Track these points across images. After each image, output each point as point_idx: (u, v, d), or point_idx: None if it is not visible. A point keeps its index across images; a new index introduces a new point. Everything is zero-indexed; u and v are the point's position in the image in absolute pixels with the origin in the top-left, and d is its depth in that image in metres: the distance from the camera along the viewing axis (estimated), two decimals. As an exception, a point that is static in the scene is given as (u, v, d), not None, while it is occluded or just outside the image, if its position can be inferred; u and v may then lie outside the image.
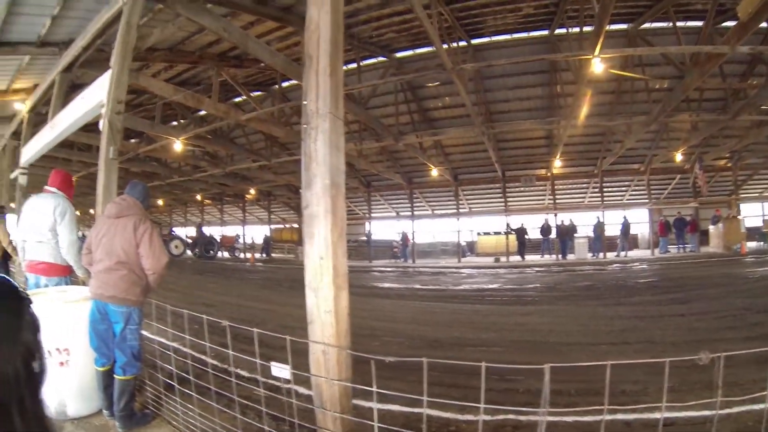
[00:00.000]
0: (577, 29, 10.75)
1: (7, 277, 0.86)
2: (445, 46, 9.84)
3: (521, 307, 9.43)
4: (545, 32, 12.49)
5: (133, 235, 3.55)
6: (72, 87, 8.42)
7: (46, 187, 4.95)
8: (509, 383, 4.47)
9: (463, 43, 11.89)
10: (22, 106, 10.37)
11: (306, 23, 2.69)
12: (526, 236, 22.42)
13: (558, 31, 12.17)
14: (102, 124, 4.86)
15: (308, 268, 2.50)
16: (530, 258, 21.81)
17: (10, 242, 8.57)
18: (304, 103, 2.57)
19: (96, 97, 5.31)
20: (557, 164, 19.10)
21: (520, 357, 5.49)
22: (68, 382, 3.75)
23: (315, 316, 2.51)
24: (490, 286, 12.99)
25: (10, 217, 9.56)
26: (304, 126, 2.55)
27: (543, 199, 23.87)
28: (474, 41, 12.50)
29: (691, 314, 7.51)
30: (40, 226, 4.78)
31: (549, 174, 21.26)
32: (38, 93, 9.53)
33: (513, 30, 12.39)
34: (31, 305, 0.85)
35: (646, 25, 11.78)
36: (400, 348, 5.95)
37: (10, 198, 12.15)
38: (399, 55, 13.32)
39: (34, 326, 0.83)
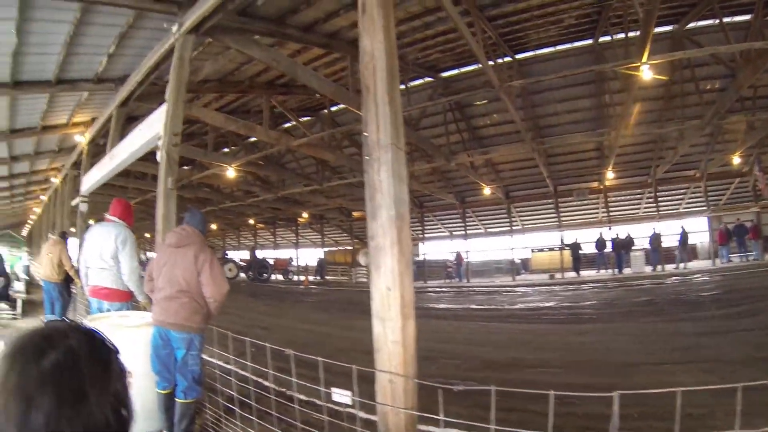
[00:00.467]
0: (621, 35, 10.54)
1: (96, 329, 0.92)
2: (490, 63, 9.78)
3: (579, 325, 9.15)
4: (589, 41, 12.22)
5: (194, 263, 3.61)
6: (128, 119, 8.83)
7: (108, 216, 5.15)
8: (568, 407, 4.31)
9: (507, 59, 11.77)
10: (81, 138, 10.91)
11: (360, 54, 2.72)
12: (581, 251, 21.68)
13: (602, 39, 11.89)
14: (159, 156, 5.04)
15: (375, 298, 2.50)
16: (586, 273, 21.07)
17: (72, 266, 9.00)
18: (365, 134, 2.59)
19: (153, 129, 5.51)
20: (610, 176, 18.48)
21: (579, 378, 5.30)
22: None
23: (382, 344, 2.50)
24: (546, 305, 12.67)
25: (71, 242, 10.06)
26: (366, 157, 2.56)
27: (597, 213, 23.06)
28: (518, 56, 12.34)
29: (759, 328, 7.08)
30: (103, 253, 4.95)
31: (602, 186, 20.61)
32: (96, 126, 10.02)
33: (557, 42, 12.18)
34: (119, 355, 0.91)
35: (691, 25, 11.29)
36: (458, 370, 5.86)
37: (71, 224, 12.75)
38: (445, 74, 13.28)
39: (122, 375, 0.89)
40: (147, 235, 38.18)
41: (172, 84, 5.24)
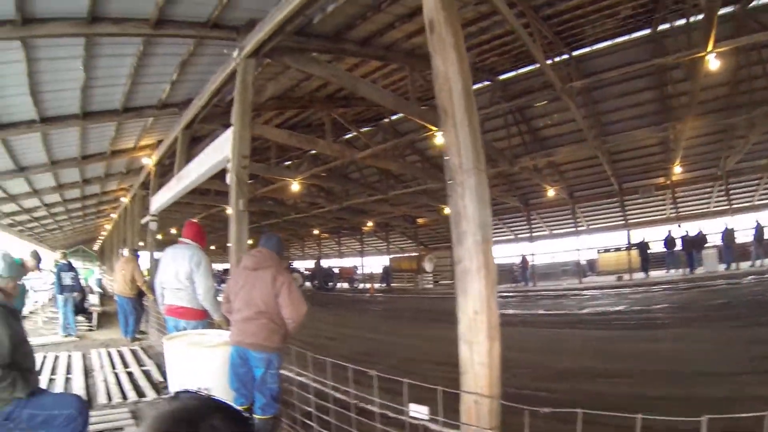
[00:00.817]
0: (682, 21, 10.06)
1: (228, 403, 0.95)
2: (548, 62, 9.61)
3: (650, 331, 8.75)
4: (647, 31, 11.66)
5: (272, 286, 3.71)
6: (193, 140, 9.19)
7: (181, 239, 5.35)
8: (648, 420, 4.16)
9: (564, 57, 11.48)
10: (148, 161, 11.44)
11: (433, 74, 2.73)
12: (649, 250, 20.64)
13: (661, 27, 11.33)
14: (229, 179, 5.18)
15: (462, 322, 2.49)
16: (655, 274, 20.07)
17: (144, 281, 9.43)
18: (446, 158, 2.59)
19: (220, 152, 5.69)
20: (677, 170, 17.43)
21: (653, 390, 5.08)
22: None
23: (468, 367, 2.49)
24: (616, 308, 12.20)
25: (141, 258, 10.57)
26: (450, 182, 2.56)
27: (664, 210, 21.83)
28: (575, 53, 12.02)
29: None
30: (178, 274, 5.14)
31: (668, 182, 19.45)
32: (162, 148, 10.48)
33: (613, 35, 11.72)
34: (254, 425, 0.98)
35: (754, 3, 10.51)
36: (530, 380, 5.75)
37: (140, 240, 13.40)
38: (502, 77, 13.10)
39: None
40: (212, 247, 39.60)
41: (237, 107, 5.39)
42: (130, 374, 6.72)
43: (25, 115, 7.56)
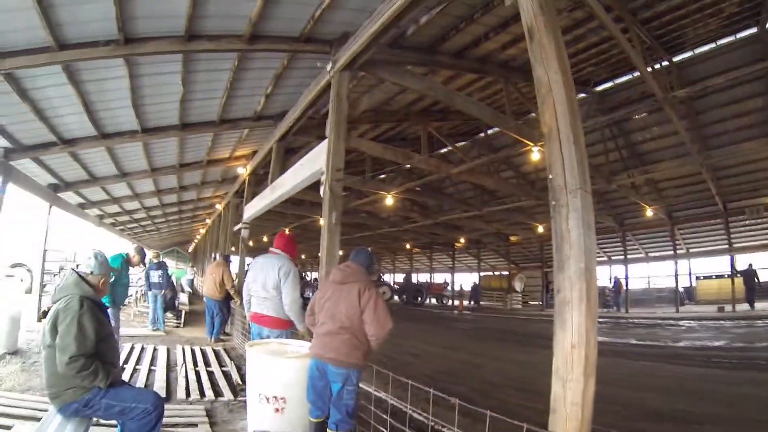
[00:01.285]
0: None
1: None
2: (648, 69, 9.04)
3: (755, 373, 7.91)
4: (754, 30, 10.38)
5: (358, 301, 3.64)
6: (287, 151, 9.49)
7: (272, 249, 5.46)
8: None
9: (665, 63, 10.70)
10: (243, 170, 11.96)
11: (536, 85, 2.56)
12: (757, 279, 18.59)
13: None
14: (323, 191, 5.23)
15: (558, 356, 2.28)
16: (761, 306, 17.97)
17: (233, 285, 9.79)
18: (550, 177, 2.41)
19: (315, 164, 5.76)
20: None
21: None
22: (281, 426, 4.00)
23: (559, 406, 2.27)
24: (715, 344, 11.22)
25: (232, 263, 11.01)
26: (553, 203, 2.38)
27: None
28: (676, 58, 11.06)
29: None
30: (266, 283, 5.23)
31: None
32: (257, 159, 10.91)
33: (717, 37, 10.66)
34: None
35: None
36: (617, 418, 5.33)
37: (232, 245, 14.00)
38: (599, 88, 12.44)
39: None
40: (303, 256, 40.88)
41: (331, 120, 5.45)
42: (210, 373, 6.93)
43: (128, 125, 8.10)
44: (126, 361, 7.15)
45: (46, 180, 9.94)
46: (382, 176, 15.49)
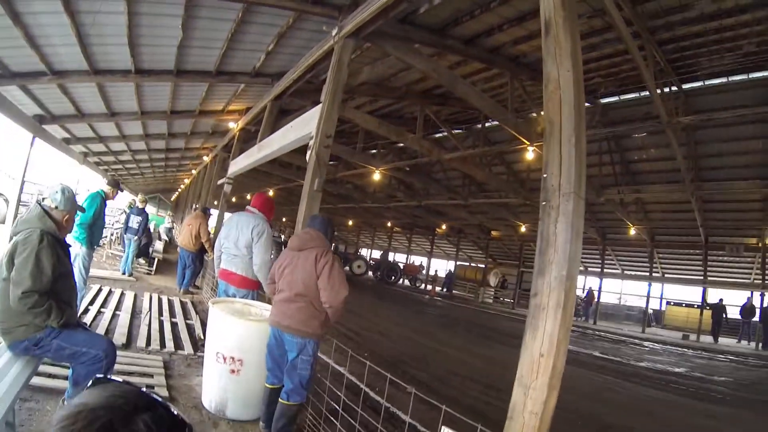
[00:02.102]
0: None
1: (160, 398, 0.77)
2: (657, 91, 8.96)
3: (708, 405, 8.05)
4: (767, 73, 10.39)
5: (314, 267, 3.57)
6: (280, 112, 9.27)
7: (248, 207, 5.37)
8: None
9: (674, 89, 10.64)
10: (234, 125, 11.72)
11: (544, 81, 2.44)
12: (725, 315, 19.16)
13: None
14: (309, 156, 5.11)
15: (524, 362, 2.20)
16: (724, 341, 18.71)
17: (209, 239, 9.69)
18: (544, 176, 2.30)
19: (305, 128, 5.62)
20: None
21: None
22: (235, 387, 4.04)
23: (517, 413, 2.20)
24: (676, 370, 11.45)
25: (211, 217, 10.85)
26: (543, 203, 2.27)
27: (750, 274, 19.71)
28: (685, 86, 10.95)
29: None
30: (239, 241, 5.19)
31: (760, 245, 17.62)
32: (249, 115, 10.68)
33: (730, 72, 10.61)
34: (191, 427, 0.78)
35: None
36: (572, 428, 5.38)
37: (214, 199, 13.82)
38: (604, 101, 12.24)
39: None
40: (284, 219, 40.80)
41: (328, 86, 5.28)
42: (174, 325, 6.90)
43: (121, 64, 7.81)
44: (91, 303, 7.05)
45: (32, 111, 9.66)
46: (373, 152, 15.34)
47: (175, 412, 0.76)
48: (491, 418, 2.40)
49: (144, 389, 0.77)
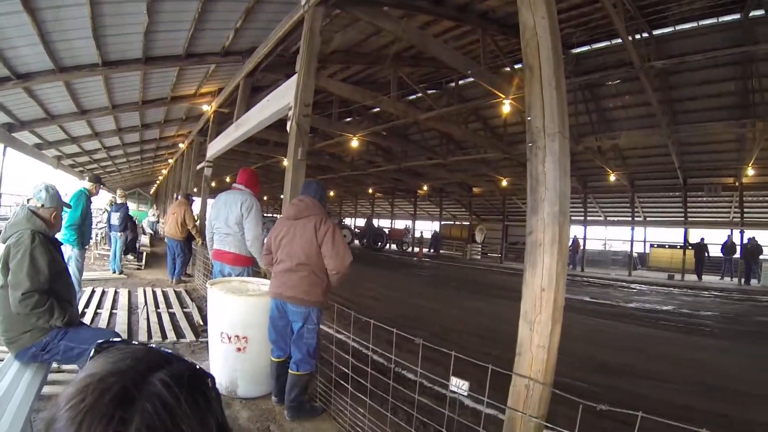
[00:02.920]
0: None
1: (181, 356, 0.69)
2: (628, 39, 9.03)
3: (699, 338, 8.36)
4: (737, 16, 10.65)
5: (314, 236, 3.55)
6: (253, 89, 9.15)
7: (235, 185, 5.36)
8: None
9: (645, 35, 10.69)
10: (208, 107, 11.54)
11: (521, 29, 2.47)
12: (706, 253, 19.79)
13: (754, 13, 10.35)
14: (290, 126, 5.09)
15: (527, 299, 2.29)
16: (708, 279, 19.28)
17: (195, 225, 9.64)
18: (528, 118, 2.35)
19: (283, 100, 5.59)
20: (749, 172, 15.93)
21: (698, 402, 4.83)
22: (243, 366, 4.04)
23: (525, 349, 2.30)
24: (664, 308, 11.77)
25: (194, 203, 10.77)
26: (530, 144, 2.33)
27: (728, 213, 20.19)
28: (656, 32, 11.10)
29: None
30: (228, 219, 5.19)
31: (738, 183, 17.89)
32: (223, 96, 10.52)
33: (700, 16, 10.79)
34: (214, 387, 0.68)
35: None
36: (569, 369, 5.55)
37: (195, 185, 13.71)
38: (576, 51, 12.32)
39: (220, 400, 0.68)
40: (265, 197, 40.49)
41: (303, 55, 5.23)
42: (172, 315, 6.91)
43: (87, 58, 7.64)
44: (87, 305, 7.02)
45: (0, 119, 9.39)
46: (348, 119, 15.25)
47: (193, 364, 0.68)
48: (498, 368, 2.49)
49: (152, 345, 0.70)
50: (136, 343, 0.72)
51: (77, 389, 0.56)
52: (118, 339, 0.73)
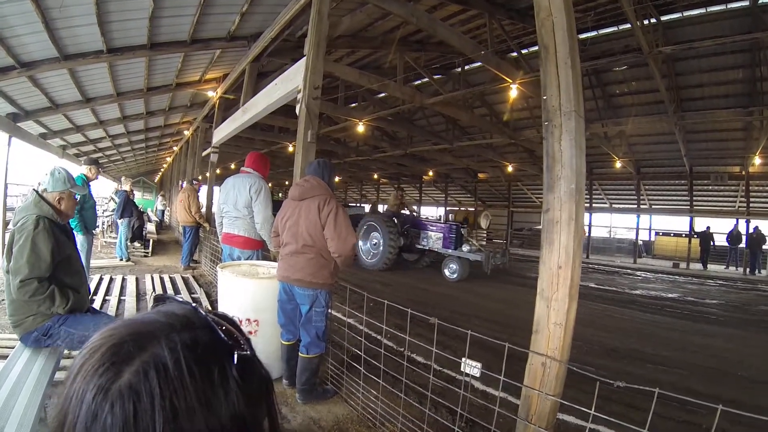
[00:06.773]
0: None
1: (208, 313, 0.67)
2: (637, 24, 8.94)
3: (705, 325, 8.40)
4: (746, 3, 10.46)
5: (318, 216, 3.48)
6: (258, 75, 9.10)
7: (243, 168, 5.36)
8: (690, 415, 4.04)
9: (652, 21, 10.55)
10: (213, 93, 11.49)
11: (535, 9, 2.46)
12: (712, 242, 19.72)
13: (762, 0, 10.16)
14: (299, 109, 5.06)
15: (543, 276, 2.31)
16: (713, 268, 19.25)
17: (199, 210, 9.68)
18: (544, 98, 2.35)
19: (291, 83, 5.56)
20: (756, 161, 15.62)
21: (703, 386, 4.89)
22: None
23: (542, 326, 2.32)
24: (669, 295, 11.78)
25: (201, 190, 10.81)
26: (546, 123, 2.33)
27: (734, 202, 19.84)
28: (664, 18, 10.86)
29: None
30: (238, 202, 5.19)
31: (744, 172, 17.51)
32: (228, 81, 10.45)
33: (708, 3, 10.60)
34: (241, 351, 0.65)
35: None
36: (580, 353, 5.62)
37: (200, 172, 13.71)
38: (583, 36, 11.96)
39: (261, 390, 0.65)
40: (270, 184, 40.39)
41: (311, 38, 5.19)
42: (180, 301, 6.93)
43: (92, 45, 7.53)
44: (95, 292, 7.07)
45: (4, 109, 9.36)
46: (354, 104, 15.18)
47: (227, 338, 0.65)
48: (500, 351, 2.52)
49: (193, 305, 0.68)
50: (187, 301, 0.71)
51: (94, 339, 0.59)
52: (179, 297, 0.73)
